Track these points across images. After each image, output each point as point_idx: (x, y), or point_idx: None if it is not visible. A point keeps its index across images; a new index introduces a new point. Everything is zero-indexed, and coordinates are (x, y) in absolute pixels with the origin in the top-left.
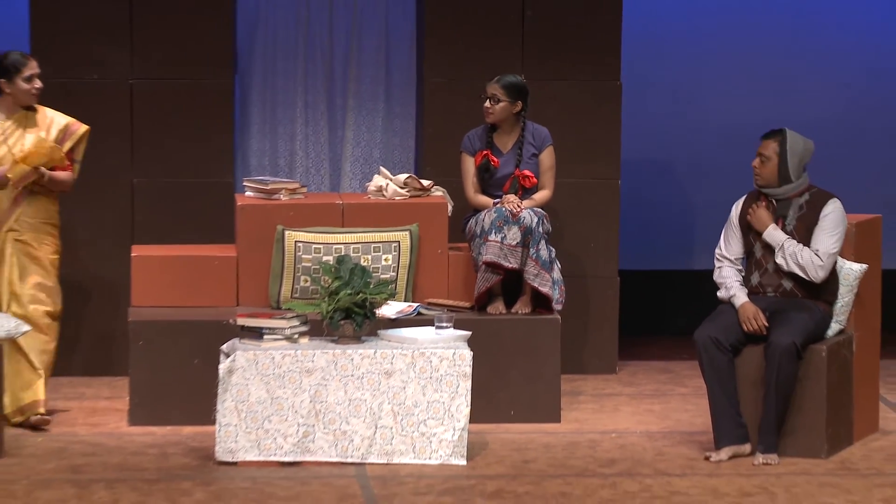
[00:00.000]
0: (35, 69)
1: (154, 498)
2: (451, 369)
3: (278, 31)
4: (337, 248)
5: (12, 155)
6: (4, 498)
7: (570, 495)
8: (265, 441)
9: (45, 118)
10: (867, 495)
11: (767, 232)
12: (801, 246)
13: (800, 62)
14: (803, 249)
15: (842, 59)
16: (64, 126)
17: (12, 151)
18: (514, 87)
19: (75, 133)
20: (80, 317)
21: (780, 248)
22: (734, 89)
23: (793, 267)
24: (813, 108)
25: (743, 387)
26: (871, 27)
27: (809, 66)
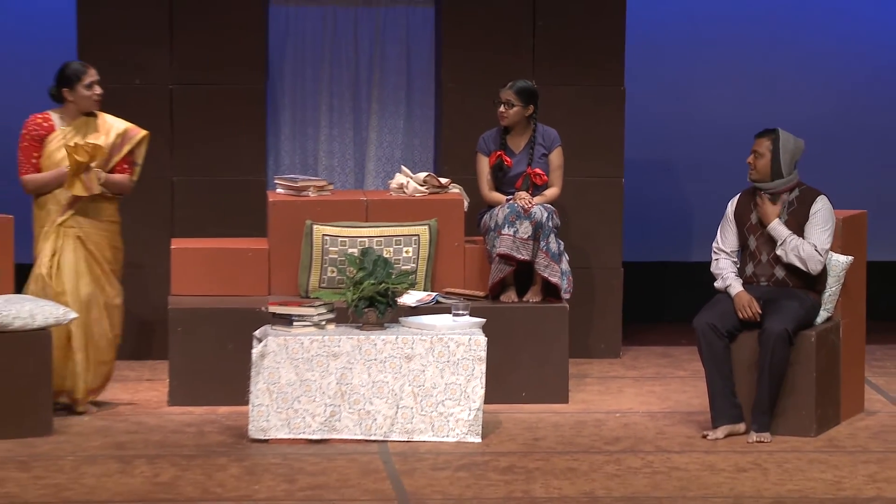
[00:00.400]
0: (95, 76)
1: (192, 472)
2: (467, 354)
3: (307, 39)
4: (361, 242)
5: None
6: (53, 472)
7: (577, 470)
8: (295, 420)
9: (105, 124)
10: (853, 470)
11: (772, 225)
12: (802, 240)
13: (792, 66)
14: (804, 243)
15: (831, 63)
16: (122, 131)
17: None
18: (527, 92)
19: (133, 138)
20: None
21: (783, 241)
22: (730, 91)
23: (793, 259)
24: (804, 109)
25: (738, 370)
26: (859, 34)
27: (801, 70)
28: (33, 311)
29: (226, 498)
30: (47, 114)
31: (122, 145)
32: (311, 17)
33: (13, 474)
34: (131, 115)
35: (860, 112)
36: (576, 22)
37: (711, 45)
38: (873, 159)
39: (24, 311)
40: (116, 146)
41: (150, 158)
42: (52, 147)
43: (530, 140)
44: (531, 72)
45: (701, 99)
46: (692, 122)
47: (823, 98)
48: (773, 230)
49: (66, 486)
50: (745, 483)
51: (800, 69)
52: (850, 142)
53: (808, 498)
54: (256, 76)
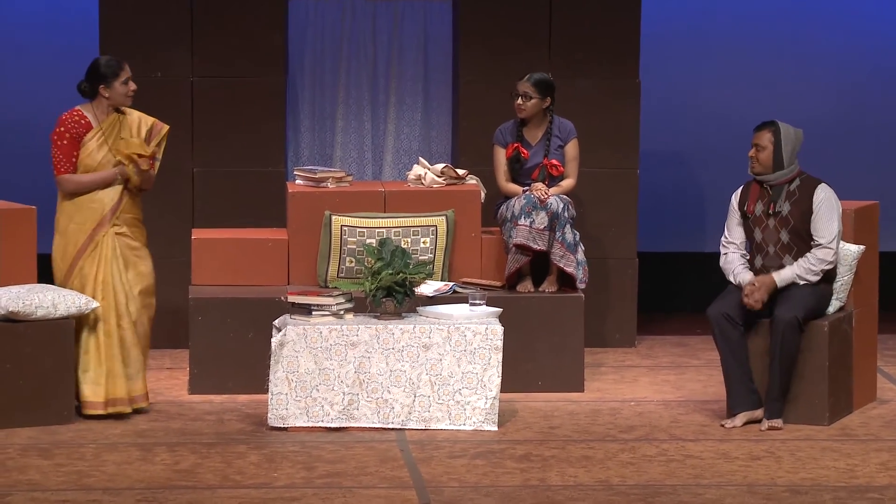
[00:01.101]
0: (129, 73)
1: (211, 460)
2: (483, 343)
3: (326, 33)
4: (379, 232)
5: (113, 155)
6: (74, 460)
7: (593, 458)
8: (313, 408)
9: (135, 119)
10: (865, 459)
11: (779, 283)
12: (802, 262)
13: (801, 59)
14: (807, 262)
15: (839, 58)
16: (150, 126)
17: (112, 151)
18: (544, 84)
19: (160, 133)
20: None
21: (795, 279)
22: (743, 85)
23: (819, 275)
24: (813, 102)
25: (751, 357)
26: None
27: (810, 65)
28: (55, 301)
29: (245, 485)
30: (80, 111)
31: (149, 140)
32: (330, 11)
33: (35, 461)
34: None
35: (867, 106)
36: (591, 15)
37: (724, 39)
38: (881, 152)
39: (46, 300)
40: (147, 141)
41: (172, 150)
42: (92, 146)
43: (547, 131)
44: (547, 64)
45: (714, 92)
46: (706, 115)
47: (832, 92)
48: (783, 281)
49: (88, 472)
50: (759, 471)
51: (809, 64)
52: (859, 134)
53: (821, 486)
54: (276, 69)
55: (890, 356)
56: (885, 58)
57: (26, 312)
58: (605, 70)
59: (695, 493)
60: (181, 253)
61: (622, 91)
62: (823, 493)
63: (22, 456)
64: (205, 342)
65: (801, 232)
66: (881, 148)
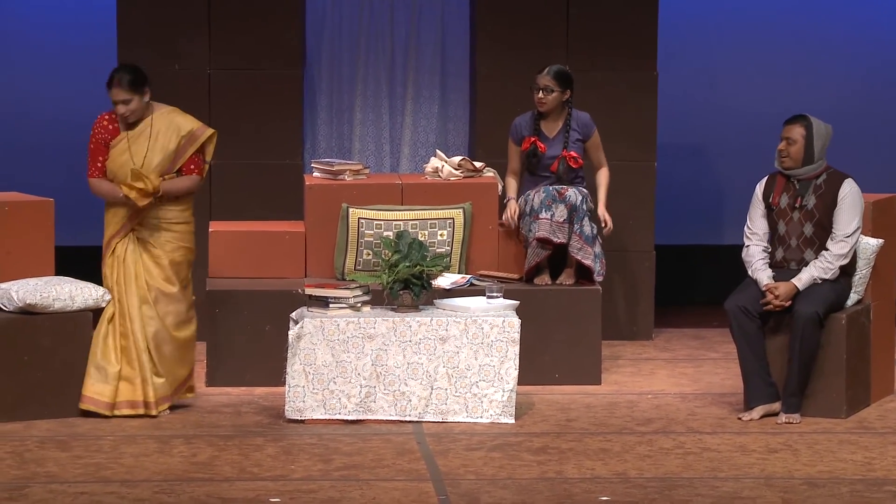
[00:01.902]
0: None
1: (229, 452)
2: (500, 335)
3: (343, 26)
4: (396, 225)
5: (133, 163)
6: (92, 452)
7: (610, 451)
8: (330, 401)
9: (163, 127)
10: (883, 452)
11: (801, 286)
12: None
13: (818, 52)
14: (824, 260)
15: (856, 50)
16: (188, 133)
17: (133, 160)
18: (564, 77)
19: (199, 138)
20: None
21: (814, 280)
22: (760, 77)
23: (836, 272)
24: (830, 94)
25: (769, 352)
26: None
27: (827, 56)
28: (73, 294)
29: (262, 477)
30: (112, 115)
31: (186, 147)
32: (347, 4)
33: (53, 454)
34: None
35: (885, 99)
36: (609, 8)
37: (741, 32)
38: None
39: (63, 292)
40: (181, 148)
41: None
42: (116, 152)
43: (565, 124)
44: (565, 58)
45: (732, 85)
46: (723, 108)
47: (848, 85)
48: (804, 284)
49: (106, 465)
50: (776, 464)
51: (826, 57)
52: (879, 126)
53: (839, 478)
54: (294, 61)
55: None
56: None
57: (44, 305)
58: (622, 63)
59: (712, 486)
60: (199, 245)
61: (639, 84)
62: (841, 485)
63: (40, 448)
64: (222, 335)
65: (825, 225)
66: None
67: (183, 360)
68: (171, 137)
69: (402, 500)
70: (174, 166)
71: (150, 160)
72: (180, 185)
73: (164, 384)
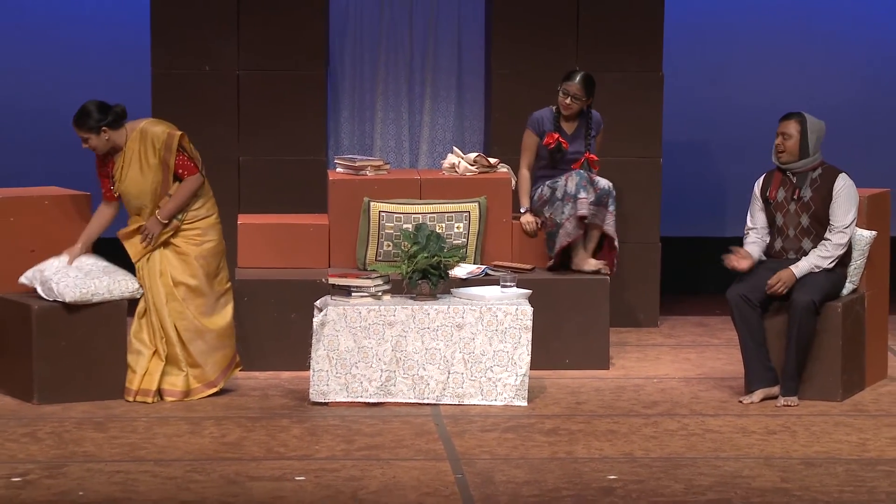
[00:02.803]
0: (79, 134)
1: (256, 433)
2: (514, 323)
3: (365, 28)
4: (415, 218)
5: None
6: (127, 433)
7: (617, 432)
8: (353, 384)
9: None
10: (877, 433)
11: (798, 274)
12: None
13: (816, 54)
14: (823, 249)
15: (856, 50)
16: (163, 141)
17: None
18: (591, 85)
19: (172, 143)
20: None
21: (812, 268)
22: (762, 76)
23: (834, 261)
24: (830, 93)
25: (769, 339)
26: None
27: (825, 58)
28: (111, 287)
29: (288, 457)
30: None
31: (167, 155)
32: (368, 8)
33: (91, 434)
34: (201, 99)
35: (884, 95)
36: (617, 12)
37: (743, 34)
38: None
39: (102, 286)
40: (164, 159)
41: (218, 140)
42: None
43: (585, 124)
44: (575, 59)
45: (735, 83)
46: (726, 107)
47: (845, 84)
48: (802, 272)
49: (140, 445)
50: (775, 444)
51: (825, 57)
52: (875, 124)
53: (835, 458)
54: (318, 63)
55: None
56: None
57: (85, 298)
58: (629, 64)
59: (714, 466)
60: (228, 237)
61: (646, 84)
62: (836, 465)
63: (78, 429)
64: (250, 322)
65: (821, 216)
66: (894, 138)
67: (221, 346)
68: (148, 152)
69: (421, 478)
70: (168, 175)
71: (142, 183)
72: (180, 196)
73: (203, 372)
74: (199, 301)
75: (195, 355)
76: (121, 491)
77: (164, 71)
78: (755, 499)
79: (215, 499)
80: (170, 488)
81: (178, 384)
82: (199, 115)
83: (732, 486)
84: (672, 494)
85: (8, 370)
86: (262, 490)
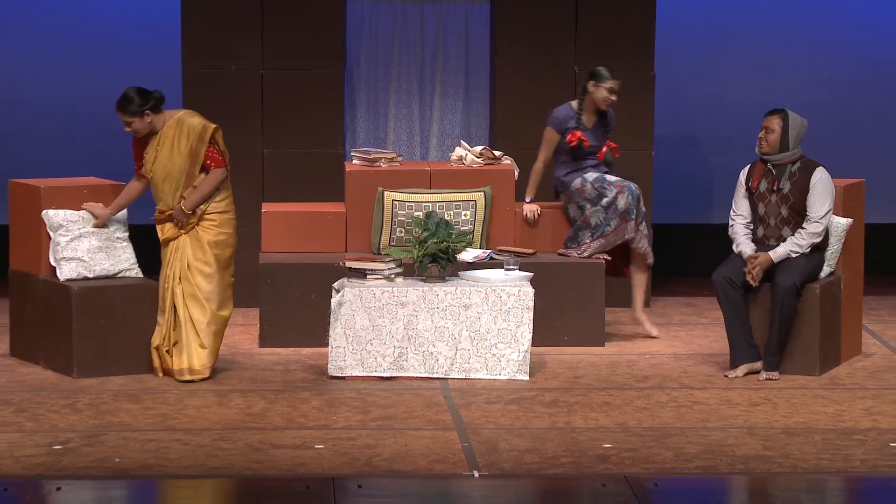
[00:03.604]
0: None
1: (279, 405)
2: (517, 303)
3: (379, 32)
4: (426, 206)
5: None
6: (159, 404)
7: (612, 404)
8: (368, 360)
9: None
10: (852, 405)
11: (776, 259)
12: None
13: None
14: (799, 237)
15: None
16: (198, 132)
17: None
18: None
19: (206, 135)
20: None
21: (788, 253)
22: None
23: (808, 248)
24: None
25: (752, 318)
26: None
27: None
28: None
29: (308, 426)
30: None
31: (198, 146)
32: (383, 12)
33: (126, 405)
34: (228, 96)
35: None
36: (612, 16)
37: (731, 34)
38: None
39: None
40: (195, 148)
41: (244, 134)
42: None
43: (602, 118)
44: (574, 59)
45: (722, 82)
46: (714, 103)
47: (826, 82)
48: (779, 257)
49: (171, 415)
50: (758, 415)
51: (809, 57)
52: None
53: (813, 428)
54: (336, 63)
55: (874, 315)
56: (878, 53)
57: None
58: (624, 64)
59: (701, 435)
60: (253, 224)
61: (639, 82)
62: (815, 434)
63: (114, 401)
64: (273, 302)
65: (799, 208)
66: (869, 132)
67: (218, 336)
68: (182, 139)
69: (431, 446)
70: (195, 166)
71: (169, 166)
72: (205, 187)
73: (208, 354)
74: (209, 288)
75: (203, 337)
76: (154, 458)
77: (193, 70)
78: (739, 465)
79: (241, 465)
80: (199, 455)
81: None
82: (226, 112)
83: (718, 454)
84: (663, 461)
85: (50, 346)
86: (284, 457)
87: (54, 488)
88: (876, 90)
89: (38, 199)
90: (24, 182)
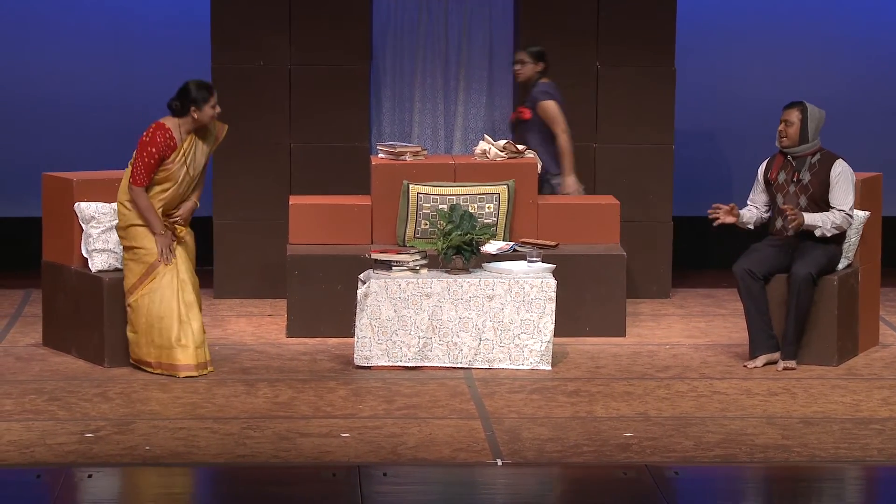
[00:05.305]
0: (216, 97)
1: (305, 394)
2: (539, 294)
3: (405, 27)
4: (450, 199)
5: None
6: (189, 393)
7: (633, 394)
8: (393, 350)
9: (209, 129)
10: (869, 395)
11: (806, 224)
12: (830, 214)
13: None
14: (834, 215)
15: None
16: (223, 134)
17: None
18: None
19: (222, 136)
20: (249, 251)
21: (820, 225)
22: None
23: (832, 231)
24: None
25: (770, 308)
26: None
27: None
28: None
29: (334, 415)
30: (170, 130)
31: (214, 145)
32: (408, 9)
33: (156, 394)
34: (256, 91)
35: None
36: (634, 12)
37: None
38: (888, 129)
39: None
40: (213, 148)
41: (272, 128)
42: (173, 166)
43: None
44: (595, 55)
45: (742, 76)
46: (733, 97)
47: (844, 77)
48: (809, 224)
49: (200, 404)
50: (777, 405)
51: (827, 52)
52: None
53: (831, 418)
54: (362, 58)
55: (891, 306)
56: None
57: None
58: (645, 59)
59: (721, 424)
60: (281, 216)
61: (659, 77)
62: (832, 424)
63: (144, 390)
64: (300, 293)
65: (818, 198)
66: (887, 126)
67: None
68: (209, 139)
69: (455, 435)
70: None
71: (199, 165)
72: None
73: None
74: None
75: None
76: (183, 446)
77: (222, 66)
78: (758, 454)
79: (268, 453)
80: (227, 443)
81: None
82: (255, 106)
83: (738, 443)
84: (683, 450)
85: (82, 336)
86: (311, 445)
87: (86, 475)
88: (893, 85)
89: (70, 191)
90: (56, 175)
